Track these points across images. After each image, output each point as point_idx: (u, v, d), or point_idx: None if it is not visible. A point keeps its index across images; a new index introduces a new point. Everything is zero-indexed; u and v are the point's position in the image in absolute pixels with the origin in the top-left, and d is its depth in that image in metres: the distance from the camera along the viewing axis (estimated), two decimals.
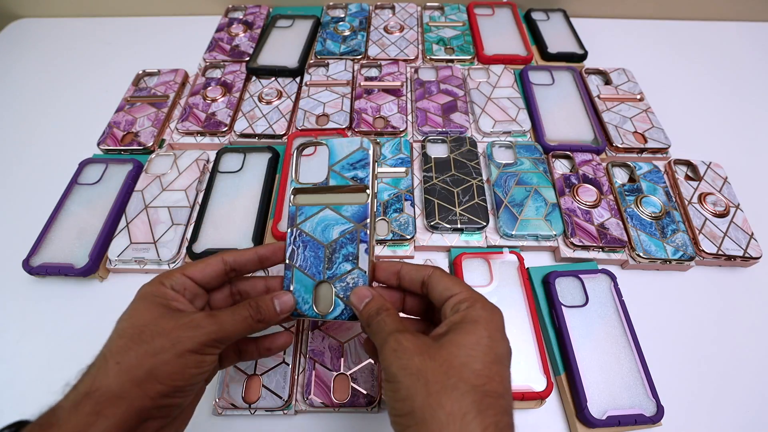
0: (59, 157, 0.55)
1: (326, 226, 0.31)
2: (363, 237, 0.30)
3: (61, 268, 0.43)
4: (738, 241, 0.45)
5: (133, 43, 0.73)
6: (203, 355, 0.24)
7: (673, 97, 0.63)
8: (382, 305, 0.27)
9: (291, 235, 0.31)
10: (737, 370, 0.41)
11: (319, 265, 0.30)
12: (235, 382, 0.37)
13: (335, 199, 0.31)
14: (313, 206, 0.31)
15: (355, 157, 0.32)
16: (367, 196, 0.31)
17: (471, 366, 0.22)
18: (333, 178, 0.32)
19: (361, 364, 0.37)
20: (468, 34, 0.67)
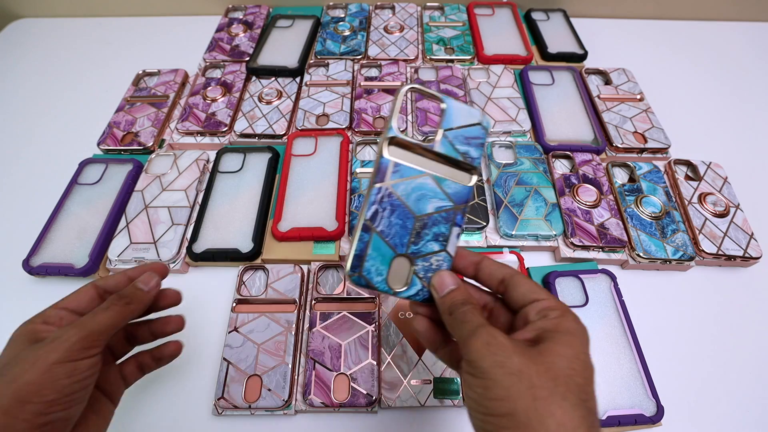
0: (59, 157, 0.55)
1: (422, 196, 0.27)
2: (458, 221, 0.28)
3: (61, 268, 0.43)
4: (738, 241, 0.45)
5: (133, 43, 0.73)
6: (74, 362, 0.24)
7: (673, 97, 0.63)
8: (469, 297, 0.25)
9: (378, 193, 0.26)
10: (737, 370, 0.41)
11: (404, 236, 0.27)
12: (235, 382, 0.37)
13: (440, 170, 0.27)
14: (413, 168, 0.27)
15: (472, 132, 0.28)
16: (472, 178, 0.28)
17: (575, 379, 0.21)
18: (443, 145, 0.27)
19: (360, 364, 0.38)
20: (468, 34, 0.67)
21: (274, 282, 0.42)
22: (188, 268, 0.46)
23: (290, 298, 0.41)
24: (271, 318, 0.40)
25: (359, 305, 0.41)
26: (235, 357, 0.38)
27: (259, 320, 0.40)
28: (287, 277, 0.43)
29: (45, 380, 0.23)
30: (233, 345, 0.39)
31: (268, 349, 0.38)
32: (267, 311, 0.41)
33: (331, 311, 0.41)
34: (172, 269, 0.45)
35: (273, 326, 0.40)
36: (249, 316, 0.40)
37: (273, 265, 0.43)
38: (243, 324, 0.40)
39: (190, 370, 0.40)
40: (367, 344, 0.39)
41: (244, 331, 0.40)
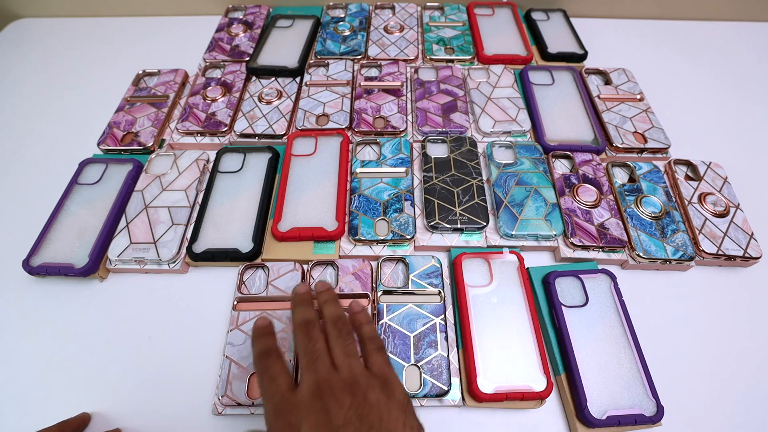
0: (59, 157, 0.55)
1: (411, 320, 0.39)
2: (441, 327, 0.39)
3: (61, 268, 0.43)
4: (738, 241, 0.45)
5: (133, 43, 0.73)
6: None
7: (673, 97, 0.63)
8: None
9: (381, 328, 0.39)
10: (737, 370, 0.41)
11: (407, 351, 0.38)
12: (237, 380, 0.37)
13: (417, 300, 0.41)
14: (399, 304, 0.40)
15: (430, 269, 0.43)
16: (441, 297, 0.41)
17: None
18: (414, 285, 0.42)
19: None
20: (468, 34, 0.67)
21: (275, 280, 0.42)
22: (188, 268, 0.46)
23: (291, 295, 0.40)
24: (272, 315, 0.40)
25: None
26: (237, 355, 0.38)
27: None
28: (288, 275, 0.43)
29: None
30: (235, 343, 0.39)
31: None
32: (268, 309, 0.41)
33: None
34: (172, 269, 0.45)
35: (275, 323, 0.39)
36: (250, 314, 0.40)
37: (273, 263, 0.43)
38: (244, 322, 0.40)
39: (190, 370, 0.40)
40: None
41: (245, 328, 0.40)
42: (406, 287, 0.41)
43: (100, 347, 0.42)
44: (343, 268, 0.43)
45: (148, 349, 0.41)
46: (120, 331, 0.42)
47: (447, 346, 0.38)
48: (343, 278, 0.42)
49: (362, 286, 0.42)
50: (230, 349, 0.39)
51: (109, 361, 0.41)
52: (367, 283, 0.42)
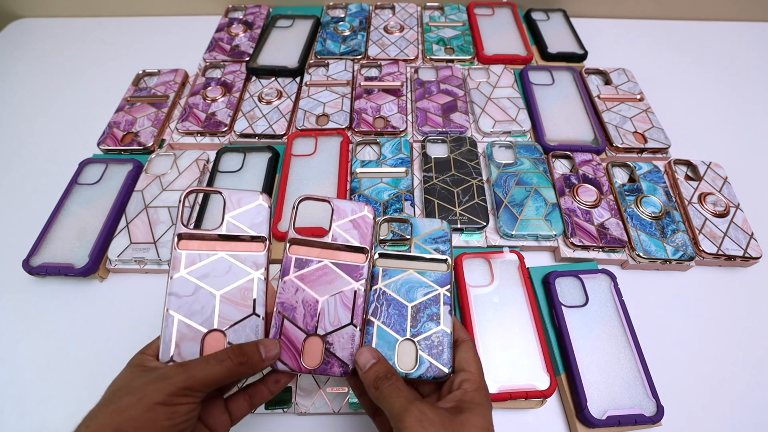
0: (59, 157, 0.55)
1: (410, 288, 0.33)
2: (446, 300, 0.33)
3: (61, 268, 0.43)
4: (738, 241, 0.45)
5: (133, 43, 0.73)
6: (174, 405, 0.24)
7: (673, 97, 0.63)
8: (390, 369, 0.28)
9: (374, 293, 0.33)
10: (737, 370, 0.41)
11: (403, 323, 0.32)
12: (188, 340, 0.29)
13: (419, 266, 0.35)
14: (398, 269, 0.34)
15: (438, 234, 0.36)
16: (448, 266, 0.34)
17: None
18: (417, 249, 0.35)
19: (339, 326, 0.31)
20: (468, 34, 0.67)
21: (234, 213, 0.32)
22: None
23: (258, 234, 0.32)
24: (232, 258, 0.31)
25: (346, 255, 0.33)
26: (186, 309, 0.30)
27: (217, 261, 0.31)
28: (251, 208, 0.32)
29: (146, 419, 0.23)
30: (181, 293, 0.30)
31: (232, 297, 0.30)
32: (227, 250, 0.32)
33: (311, 258, 0.32)
34: None
35: (236, 269, 0.31)
36: (201, 255, 0.31)
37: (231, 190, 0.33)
38: (194, 265, 0.31)
39: None
40: (350, 304, 0.32)
41: (195, 275, 0.31)
42: (407, 251, 0.35)
43: (100, 347, 0.42)
44: (340, 210, 0.33)
45: None
46: (120, 331, 0.42)
47: (451, 322, 0.32)
48: (338, 223, 0.33)
49: (360, 238, 0.33)
50: (175, 302, 0.30)
51: (109, 360, 0.40)
52: (366, 236, 0.33)
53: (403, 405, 0.26)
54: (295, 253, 0.32)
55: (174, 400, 0.24)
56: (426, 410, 0.25)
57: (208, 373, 0.26)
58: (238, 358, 0.27)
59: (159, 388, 0.24)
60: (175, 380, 0.25)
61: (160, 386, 0.24)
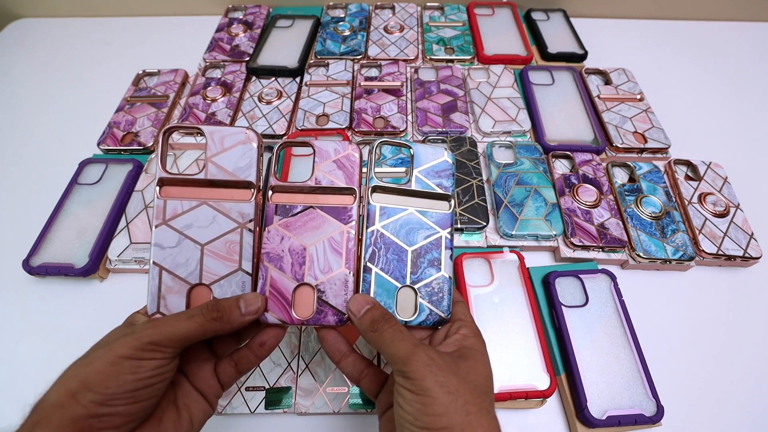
0: (59, 157, 0.55)
1: (410, 230, 0.30)
2: (448, 243, 0.31)
3: (61, 268, 0.43)
4: (738, 241, 0.45)
5: (133, 43, 0.73)
6: (140, 360, 0.24)
7: (673, 97, 0.63)
8: (386, 313, 0.28)
9: (371, 236, 0.30)
10: (737, 369, 0.41)
11: (403, 269, 0.30)
12: (174, 293, 0.28)
13: (419, 204, 0.31)
14: (397, 207, 0.31)
15: (441, 166, 0.32)
16: (450, 205, 0.32)
17: (490, 395, 0.26)
18: (418, 183, 0.31)
19: (331, 272, 0.30)
20: (468, 34, 0.67)
21: (217, 155, 0.29)
22: None
23: (243, 179, 0.29)
24: (216, 208, 0.29)
25: (332, 198, 0.31)
26: (171, 261, 0.28)
27: (200, 211, 0.29)
28: (236, 148, 0.30)
29: (110, 371, 0.23)
30: (165, 245, 0.29)
31: (217, 251, 0.29)
32: (210, 197, 0.29)
33: (294, 204, 0.30)
34: None
35: (221, 220, 0.29)
36: (184, 204, 0.29)
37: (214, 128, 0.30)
38: (176, 215, 0.29)
39: None
40: (341, 248, 0.30)
41: (178, 225, 0.29)
42: (408, 185, 0.31)
43: None
44: (322, 151, 0.31)
45: None
46: None
47: (451, 268, 0.31)
48: (321, 165, 0.31)
49: (346, 178, 0.31)
50: (159, 253, 0.28)
51: None
52: (352, 175, 0.31)
53: (409, 348, 0.25)
54: (277, 201, 0.30)
55: (140, 354, 0.24)
56: (433, 354, 0.25)
57: (176, 329, 0.25)
58: (211, 314, 0.26)
59: (126, 342, 0.24)
60: (141, 335, 0.24)
61: (126, 340, 0.24)
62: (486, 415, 0.24)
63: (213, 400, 0.28)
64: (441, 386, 0.24)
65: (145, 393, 0.24)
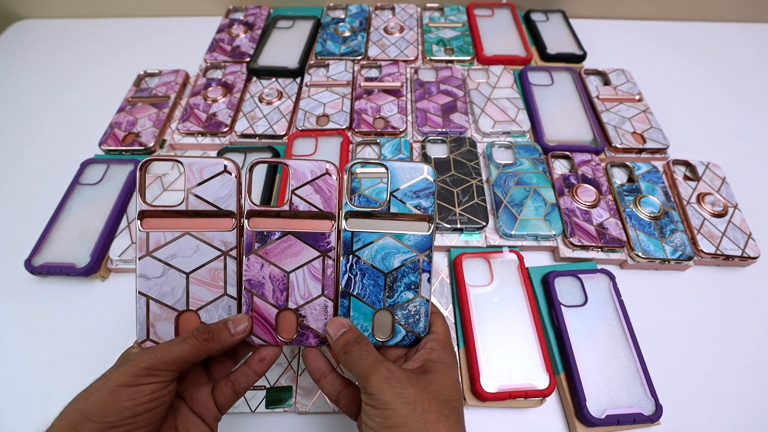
0: (61, 158, 0.56)
1: (386, 254, 0.30)
2: (425, 266, 0.31)
3: (63, 268, 0.43)
4: (736, 241, 0.46)
5: (134, 43, 0.74)
6: (137, 386, 0.25)
7: (672, 98, 0.63)
8: (359, 335, 0.29)
9: (347, 263, 0.30)
10: (736, 369, 0.41)
11: (379, 293, 0.30)
12: (162, 321, 0.30)
13: (396, 227, 0.30)
14: (372, 233, 0.30)
15: (420, 185, 0.30)
16: (429, 226, 0.31)
17: (453, 403, 0.26)
18: (395, 205, 0.30)
19: (310, 298, 0.30)
20: (468, 34, 0.68)
21: (197, 186, 0.30)
22: None
23: (223, 209, 0.30)
24: (199, 237, 0.30)
25: (309, 222, 0.30)
26: (157, 290, 0.30)
27: (183, 241, 0.30)
28: (216, 179, 0.30)
29: (109, 401, 0.24)
30: (150, 275, 0.30)
31: (202, 278, 0.30)
32: (192, 227, 0.30)
33: (272, 230, 0.30)
34: None
35: (204, 249, 0.30)
36: (167, 234, 0.30)
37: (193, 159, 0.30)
38: (159, 246, 0.30)
39: None
40: (320, 275, 0.30)
41: (162, 256, 0.30)
42: (383, 209, 0.30)
43: (102, 346, 0.42)
44: (298, 173, 0.30)
45: None
46: (121, 330, 0.42)
47: (429, 290, 0.31)
48: (297, 189, 0.30)
49: (323, 202, 0.30)
50: (144, 284, 0.30)
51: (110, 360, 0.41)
52: (330, 199, 0.30)
53: (370, 365, 0.26)
54: (255, 227, 0.30)
55: (137, 380, 0.25)
56: (393, 369, 0.26)
57: (171, 352, 0.26)
58: (203, 335, 0.27)
59: (123, 370, 0.25)
60: (138, 361, 0.25)
61: (123, 369, 0.25)
62: (445, 422, 0.24)
63: (212, 424, 0.29)
64: (398, 397, 0.24)
65: (144, 418, 0.25)
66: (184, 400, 0.29)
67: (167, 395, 0.26)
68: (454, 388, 0.27)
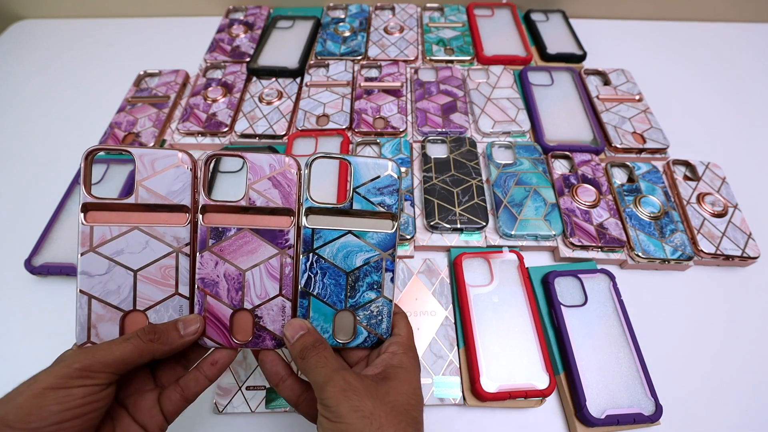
0: (61, 158, 0.56)
1: (348, 253, 0.29)
2: (389, 266, 0.30)
3: (63, 268, 0.43)
4: (736, 241, 0.46)
5: (134, 44, 0.74)
6: (68, 389, 0.22)
7: (672, 98, 0.63)
8: (318, 339, 0.27)
9: (307, 261, 0.29)
10: (735, 369, 0.41)
11: (340, 293, 0.29)
12: (105, 321, 0.28)
13: (359, 224, 0.29)
14: (333, 230, 0.29)
15: (384, 182, 0.30)
16: (393, 224, 0.30)
17: (412, 413, 0.25)
18: (357, 202, 0.29)
19: (267, 298, 0.29)
20: (468, 34, 0.68)
21: (148, 178, 0.28)
22: None
23: (176, 203, 0.28)
24: (149, 233, 0.28)
25: (268, 219, 0.29)
26: (101, 288, 0.28)
27: (131, 236, 0.28)
28: (169, 171, 0.28)
29: (33, 405, 0.22)
30: (93, 272, 0.28)
31: (151, 276, 0.28)
32: (142, 222, 0.28)
33: (228, 226, 0.29)
34: None
35: (154, 245, 0.28)
36: (113, 229, 0.28)
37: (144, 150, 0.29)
38: (104, 241, 0.28)
39: None
40: (277, 273, 0.29)
41: (107, 252, 0.28)
42: (345, 205, 0.29)
43: None
44: (255, 167, 0.29)
45: None
46: None
47: (393, 290, 0.30)
48: (255, 184, 0.29)
49: (282, 198, 0.29)
50: (86, 281, 0.28)
51: None
52: (289, 195, 0.29)
53: (328, 374, 0.25)
54: (209, 222, 0.29)
55: (68, 382, 0.23)
56: (351, 379, 0.25)
57: (110, 353, 0.24)
58: (148, 335, 0.25)
59: (52, 371, 0.23)
60: (70, 362, 0.23)
61: (53, 370, 0.23)
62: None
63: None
64: (355, 411, 0.23)
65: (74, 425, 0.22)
66: (126, 409, 0.27)
67: (102, 400, 0.24)
68: (414, 396, 0.26)
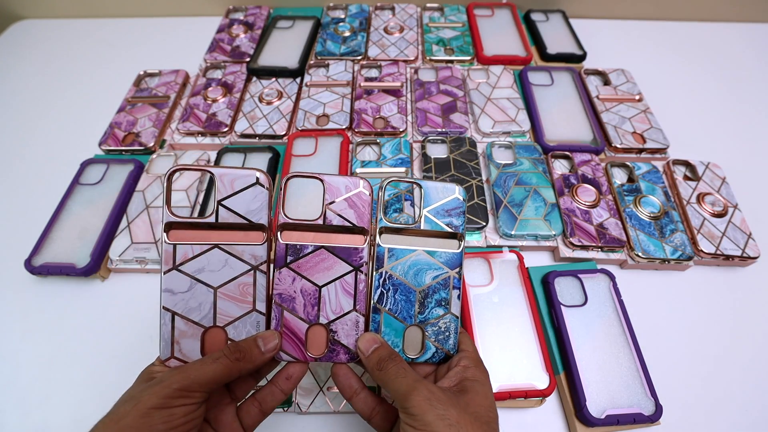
0: (61, 158, 0.56)
1: (419, 270, 0.31)
2: (456, 283, 0.31)
3: (63, 268, 0.43)
4: (736, 241, 0.46)
5: (134, 44, 0.74)
6: (170, 408, 0.24)
7: (672, 98, 0.63)
8: (393, 352, 0.28)
9: (380, 278, 0.30)
10: (735, 369, 0.41)
11: (410, 309, 0.31)
12: (188, 338, 0.29)
13: (428, 244, 0.31)
14: (405, 249, 0.31)
15: (451, 204, 0.32)
16: (460, 244, 0.32)
17: (492, 425, 0.26)
18: (428, 223, 0.31)
19: (342, 313, 0.30)
20: (468, 34, 0.68)
21: (228, 198, 0.29)
22: None
23: (255, 222, 0.29)
24: (228, 251, 0.29)
25: (343, 237, 0.31)
26: (183, 306, 0.29)
27: (212, 254, 0.29)
28: (247, 191, 0.29)
29: (142, 425, 0.23)
30: (176, 290, 0.29)
31: (230, 293, 0.29)
32: (222, 240, 0.29)
33: (305, 244, 0.30)
34: None
35: (233, 263, 0.29)
36: (194, 248, 0.29)
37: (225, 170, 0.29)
38: (186, 259, 0.29)
39: None
40: (352, 290, 0.30)
41: (189, 270, 0.29)
42: (416, 225, 0.31)
43: (102, 347, 0.42)
44: (332, 188, 0.30)
45: (150, 348, 0.41)
46: (121, 330, 0.43)
47: (460, 307, 0.31)
48: (332, 204, 0.30)
49: (357, 218, 0.30)
50: (170, 299, 0.29)
51: (110, 360, 0.41)
52: (363, 215, 0.30)
53: (410, 384, 0.26)
54: (287, 240, 0.30)
55: (170, 402, 0.24)
56: (433, 389, 0.26)
57: (204, 373, 0.25)
58: (234, 354, 0.27)
59: (154, 392, 0.24)
60: (169, 382, 0.24)
61: (155, 390, 0.24)
62: None
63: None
64: (442, 419, 0.24)
65: None
66: (209, 423, 0.28)
67: (198, 417, 0.25)
68: (492, 408, 0.27)
